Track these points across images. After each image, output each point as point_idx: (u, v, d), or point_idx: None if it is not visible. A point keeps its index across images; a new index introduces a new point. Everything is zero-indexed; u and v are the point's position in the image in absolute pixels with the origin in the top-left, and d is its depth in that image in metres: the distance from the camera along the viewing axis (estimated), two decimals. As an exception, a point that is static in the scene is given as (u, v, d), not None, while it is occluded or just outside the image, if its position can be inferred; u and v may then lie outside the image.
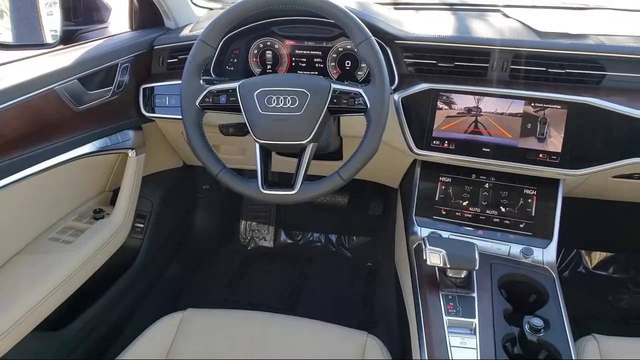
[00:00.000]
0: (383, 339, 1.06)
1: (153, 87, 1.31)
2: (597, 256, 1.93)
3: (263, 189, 1.00)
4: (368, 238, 2.11)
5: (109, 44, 1.25)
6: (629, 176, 1.18)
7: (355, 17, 0.97)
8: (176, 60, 1.32)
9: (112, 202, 1.43)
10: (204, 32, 1.01)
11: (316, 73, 1.28)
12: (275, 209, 2.18)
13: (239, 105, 1.01)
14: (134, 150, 1.35)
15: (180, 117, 1.04)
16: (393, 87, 1.17)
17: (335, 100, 0.98)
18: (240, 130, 1.13)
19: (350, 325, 1.09)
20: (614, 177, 1.18)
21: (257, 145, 1.03)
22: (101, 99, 1.20)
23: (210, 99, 1.03)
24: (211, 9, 1.56)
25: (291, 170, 1.02)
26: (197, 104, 1.02)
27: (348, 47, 1.24)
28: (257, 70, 1.32)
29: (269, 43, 1.30)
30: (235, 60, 1.32)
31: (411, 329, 1.07)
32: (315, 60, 1.28)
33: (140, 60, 1.30)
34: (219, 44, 1.08)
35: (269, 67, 1.32)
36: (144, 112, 1.32)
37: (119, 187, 1.40)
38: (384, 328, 1.64)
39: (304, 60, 1.29)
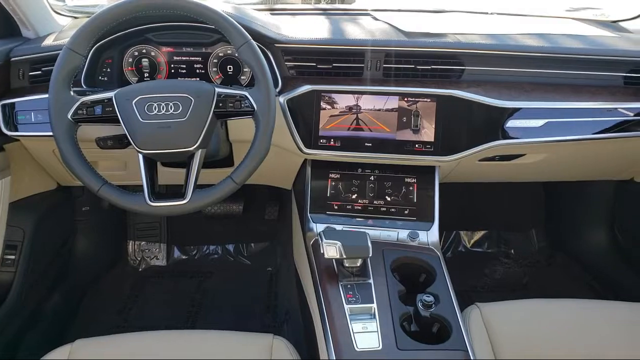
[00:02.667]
0: (290, 339, 1.07)
1: (14, 102, 1.18)
2: (473, 235, 2.14)
3: (151, 200, 0.96)
4: (266, 243, 2.11)
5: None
6: (492, 159, 1.33)
7: (233, 21, 0.97)
8: (40, 72, 1.21)
9: (-26, 234, 1.27)
10: (70, 40, 0.95)
11: (198, 79, 1.26)
12: (165, 224, 2.08)
13: (117, 116, 0.95)
14: (-4, 175, 1.21)
15: (50, 133, 0.96)
16: (277, 90, 1.19)
17: (221, 104, 0.97)
18: (120, 142, 1.06)
19: (255, 332, 1.08)
20: (480, 160, 1.32)
21: (141, 157, 0.98)
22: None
23: (84, 111, 0.96)
24: (76, 17, 1.45)
25: (179, 181, 0.99)
26: (69, 117, 0.95)
27: (229, 51, 1.24)
28: (133, 79, 1.26)
29: (144, 50, 1.25)
30: (109, 70, 1.24)
31: (315, 322, 1.09)
32: (195, 66, 1.26)
33: None
34: (88, 52, 1.01)
35: (146, 75, 1.26)
36: (5, 131, 1.19)
37: (-19, 216, 1.24)
38: (290, 328, 1.65)
39: (184, 66, 1.26)
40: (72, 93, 0.96)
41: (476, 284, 1.95)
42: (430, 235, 1.25)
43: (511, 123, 1.22)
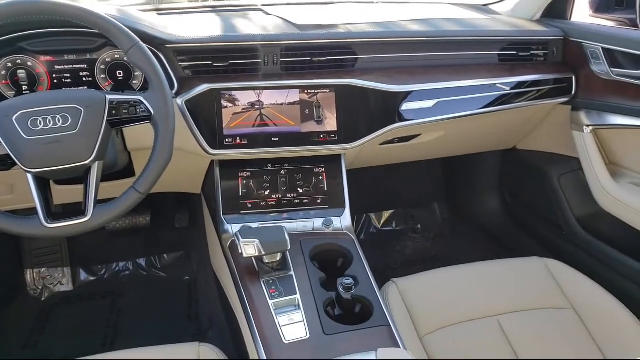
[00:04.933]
0: (217, 344, 1.05)
1: None
2: (382, 216, 2.24)
3: (47, 222, 0.88)
4: (180, 252, 2.04)
5: None
6: (392, 141, 1.40)
7: (118, 23, 0.93)
8: None
9: None
10: None
11: (86, 88, 1.18)
12: (66, 246, 1.93)
13: None
14: None
15: None
16: (174, 92, 1.15)
17: (114, 112, 0.92)
18: (2, 164, 0.96)
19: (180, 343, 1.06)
20: (381, 144, 1.39)
21: (30, 177, 0.90)
22: None
23: None
24: None
25: (78, 198, 0.93)
26: None
27: (116, 56, 1.17)
28: (9, 93, 1.14)
29: (19, 61, 1.13)
30: None
31: (241, 323, 1.09)
32: (81, 74, 1.17)
33: None
34: None
35: (25, 88, 1.15)
36: None
37: None
38: (216, 334, 1.62)
39: (68, 75, 1.17)
40: None
41: (390, 261, 2.05)
42: (344, 221, 1.29)
43: (405, 106, 1.29)
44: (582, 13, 1.56)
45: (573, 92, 1.46)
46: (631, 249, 1.42)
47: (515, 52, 1.44)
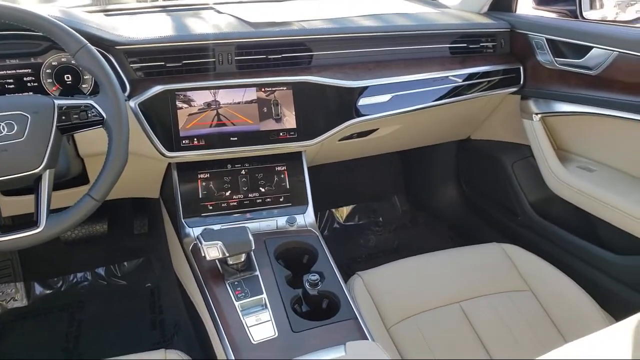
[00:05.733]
0: (183, 350, 1.03)
1: None
2: (345, 211, 2.26)
3: (-3, 235, 0.84)
4: (141, 259, 1.98)
5: None
6: (350, 137, 1.42)
7: (64, 25, 0.89)
8: None
9: None
10: None
11: (31, 93, 1.12)
12: (18, 260, 1.84)
13: None
14: None
15: None
16: (126, 94, 1.12)
17: (64, 117, 0.88)
18: (-56, 176, 0.91)
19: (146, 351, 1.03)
20: (340, 140, 1.40)
21: (-26, 189, 0.86)
22: None
23: None
24: None
25: (29, 209, 0.89)
26: None
27: (63, 59, 1.12)
28: (-53, 101, 1.08)
29: None
30: None
31: (207, 326, 1.07)
32: (25, 79, 1.12)
33: None
34: None
35: (-37, 96, 1.09)
36: None
37: None
38: (182, 339, 1.59)
39: (11, 81, 1.11)
40: None
41: (355, 255, 2.07)
42: (307, 218, 1.29)
43: (362, 101, 1.30)
44: (526, 5, 1.62)
45: (521, 82, 1.52)
46: (581, 230, 1.49)
47: (465, 45, 1.48)
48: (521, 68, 1.51)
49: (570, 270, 1.26)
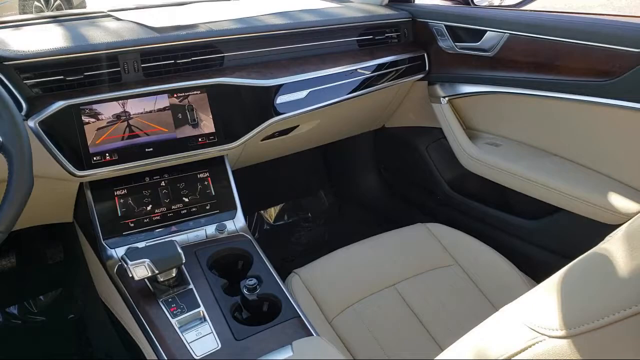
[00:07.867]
0: None
1: None
2: (273, 211, 2.25)
3: None
4: (59, 290, 1.83)
5: None
6: (272, 136, 1.41)
7: None
8: None
9: None
10: None
11: None
12: None
13: None
14: None
15: None
16: (23, 114, 1.02)
17: (-48, 145, 0.79)
18: None
19: None
20: (262, 140, 1.38)
21: None
22: None
23: None
24: None
25: None
26: None
27: (-58, 81, 1.01)
28: None
29: None
30: None
31: (144, 350, 1.01)
32: None
33: None
34: None
35: None
36: None
37: None
38: (116, 369, 1.50)
39: None
40: None
41: (289, 254, 2.07)
42: (237, 222, 1.26)
43: (280, 99, 1.30)
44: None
45: (427, 68, 1.59)
46: (496, 202, 1.60)
47: (371, 37, 1.52)
48: (425, 55, 1.58)
49: (491, 240, 1.34)
